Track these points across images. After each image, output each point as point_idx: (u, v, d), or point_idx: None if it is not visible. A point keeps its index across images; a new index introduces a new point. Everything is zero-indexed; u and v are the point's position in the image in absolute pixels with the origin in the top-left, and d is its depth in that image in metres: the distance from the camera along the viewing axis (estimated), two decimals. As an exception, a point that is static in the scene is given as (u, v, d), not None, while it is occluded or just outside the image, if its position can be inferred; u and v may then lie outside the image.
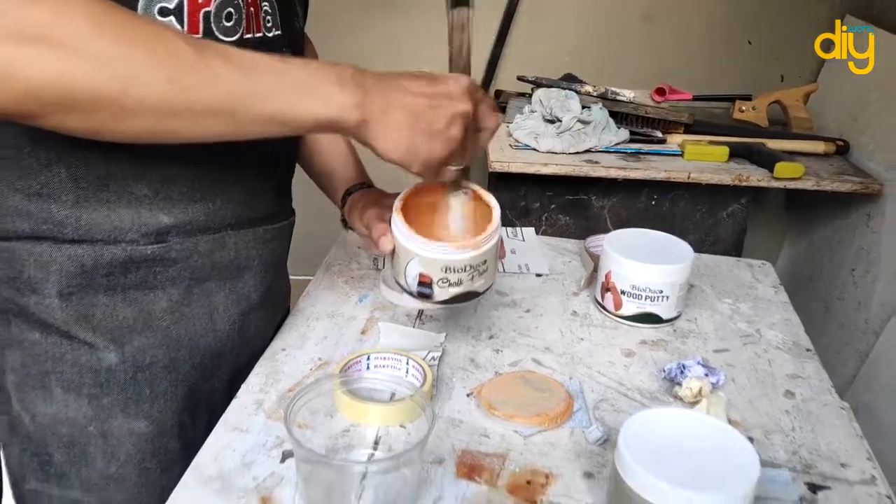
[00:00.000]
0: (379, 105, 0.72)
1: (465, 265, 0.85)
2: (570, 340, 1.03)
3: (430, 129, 0.75)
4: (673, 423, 0.72)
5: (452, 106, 0.75)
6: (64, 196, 0.77)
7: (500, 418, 0.85)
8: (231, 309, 0.91)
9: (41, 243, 0.78)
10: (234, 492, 0.74)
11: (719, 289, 1.20)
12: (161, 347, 0.86)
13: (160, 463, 0.88)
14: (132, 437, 0.86)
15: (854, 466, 0.82)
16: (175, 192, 0.81)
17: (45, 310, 0.80)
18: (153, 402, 0.87)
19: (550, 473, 0.78)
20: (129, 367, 0.84)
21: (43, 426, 0.84)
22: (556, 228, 1.82)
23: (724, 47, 2.20)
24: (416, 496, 0.74)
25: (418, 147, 0.75)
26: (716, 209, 1.81)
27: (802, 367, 0.99)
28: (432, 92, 0.75)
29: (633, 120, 1.90)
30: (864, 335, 1.66)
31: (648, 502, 0.64)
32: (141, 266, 0.82)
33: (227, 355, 0.93)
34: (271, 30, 0.85)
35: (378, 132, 0.73)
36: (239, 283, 0.91)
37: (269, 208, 0.94)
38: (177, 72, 0.63)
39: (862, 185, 1.71)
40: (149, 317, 0.84)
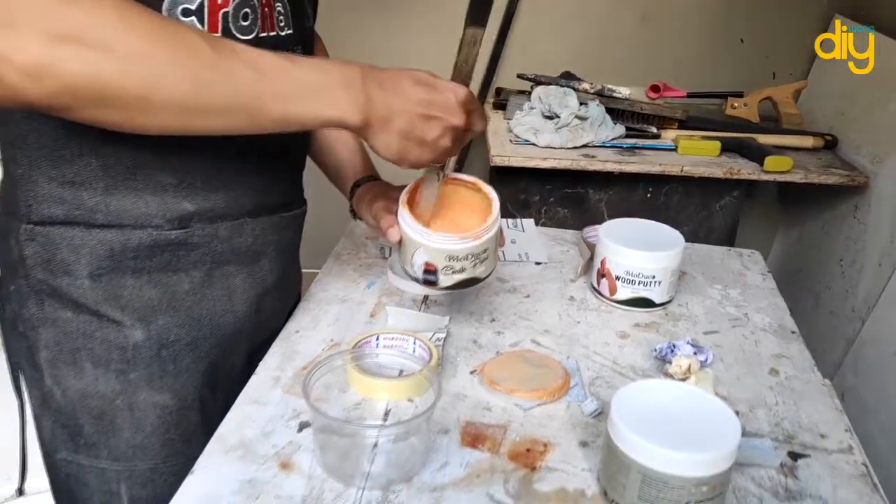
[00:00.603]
0: (380, 110, 0.78)
1: (467, 254, 0.91)
2: (567, 323, 1.09)
3: (423, 139, 0.81)
4: (662, 393, 0.78)
5: (446, 119, 0.81)
6: (95, 184, 0.82)
7: (502, 393, 0.91)
8: (248, 291, 0.96)
9: (74, 228, 0.83)
10: (255, 459, 0.79)
11: (710, 276, 1.25)
12: (184, 326, 0.91)
13: (182, 434, 0.94)
14: (157, 410, 0.91)
15: (833, 437, 0.87)
16: (197, 181, 0.86)
17: (76, 290, 0.86)
18: (176, 377, 0.92)
19: (549, 442, 0.84)
20: (154, 344, 0.89)
21: (73, 400, 0.90)
22: (554, 221, 1.86)
23: (717, 46, 2.24)
24: (423, 462, 0.79)
25: (409, 152, 0.82)
26: (709, 202, 1.86)
27: (787, 348, 1.05)
28: (431, 101, 0.80)
29: (628, 116, 1.95)
30: (851, 322, 1.71)
31: (637, 462, 0.70)
32: (165, 250, 0.87)
33: (245, 335, 0.98)
34: (284, 29, 0.89)
35: (376, 134, 0.80)
36: (256, 267, 0.96)
37: (283, 197, 0.99)
38: (197, 72, 0.68)
39: (849, 178, 1.76)
40: (172, 297, 0.89)
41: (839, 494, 0.78)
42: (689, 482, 0.69)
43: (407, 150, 0.81)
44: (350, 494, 0.75)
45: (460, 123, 0.82)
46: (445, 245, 0.90)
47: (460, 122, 0.82)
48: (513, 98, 2.06)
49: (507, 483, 0.77)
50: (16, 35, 0.61)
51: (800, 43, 2.18)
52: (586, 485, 0.78)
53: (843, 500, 0.78)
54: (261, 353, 0.99)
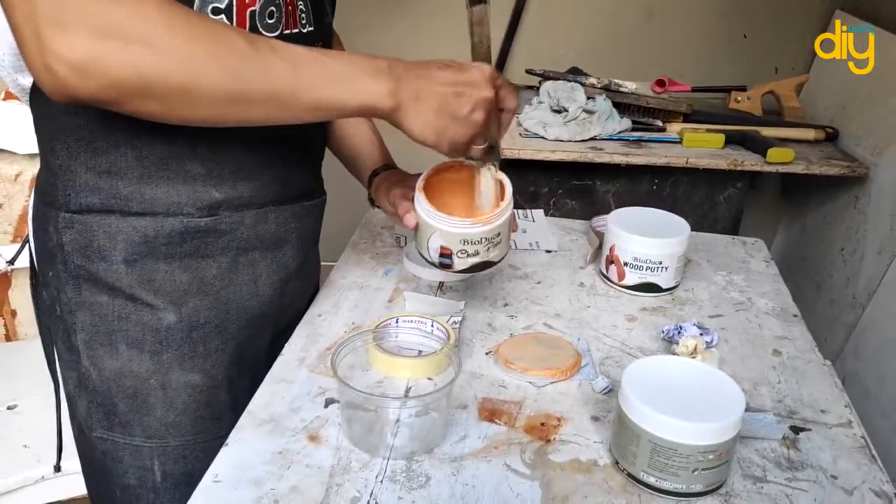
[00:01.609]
0: (410, 93, 0.81)
1: (481, 237, 0.94)
2: (577, 307, 1.13)
3: (456, 115, 0.83)
4: (670, 368, 0.82)
5: (476, 93, 0.83)
6: (130, 174, 0.86)
7: (516, 372, 0.95)
8: (272, 277, 1.00)
9: (110, 216, 0.88)
10: (285, 433, 0.84)
11: (715, 263, 1.29)
12: (213, 309, 0.95)
13: (212, 413, 0.98)
14: (188, 389, 0.95)
15: (833, 412, 0.91)
16: (225, 171, 0.90)
17: (112, 275, 0.90)
18: (206, 358, 0.96)
19: (562, 417, 0.88)
20: (185, 326, 0.93)
21: (108, 380, 0.94)
22: (563, 212, 1.90)
23: (721, 41, 2.27)
24: (444, 435, 0.84)
25: (446, 131, 0.84)
26: (713, 193, 1.90)
27: (789, 330, 1.09)
28: (458, 80, 0.83)
29: (634, 110, 1.99)
30: (853, 309, 1.75)
31: (648, 432, 0.74)
32: (195, 236, 0.90)
33: (270, 318, 1.02)
34: (305, 26, 0.92)
35: (410, 117, 0.82)
36: (279, 253, 0.99)
37: (305, 186, 1.03)
38: (236, 65, 0.73)
39: (850, 169, 1.80)
40: (201, 282, 0.93)
41: (839, 465, 0.82)
42: (697, 450, 0.73)
43: (443, 128, 0.84)
44: (375, 464, 0.80)
45: (490, 95, 0.84)
46: (460, 229, 0.93)
47: (490, 94, 0.84)
48: (521, 93, 2.09)
49: (523, 454, 0.82)
50: (64, 33, 0.65)
51: (801, 38, 2.21)
52: (598, 455, 0.82)
53: (843, 470, 0.82)
54: (285, 335, 1.03)
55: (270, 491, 0.76)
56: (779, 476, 0.80)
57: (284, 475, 0.78)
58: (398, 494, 0.76)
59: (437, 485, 0.77)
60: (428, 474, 0.79)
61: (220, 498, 0.75)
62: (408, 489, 0.77)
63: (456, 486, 0.77)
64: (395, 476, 0.78)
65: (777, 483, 0.79)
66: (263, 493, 0.75)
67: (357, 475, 0.78)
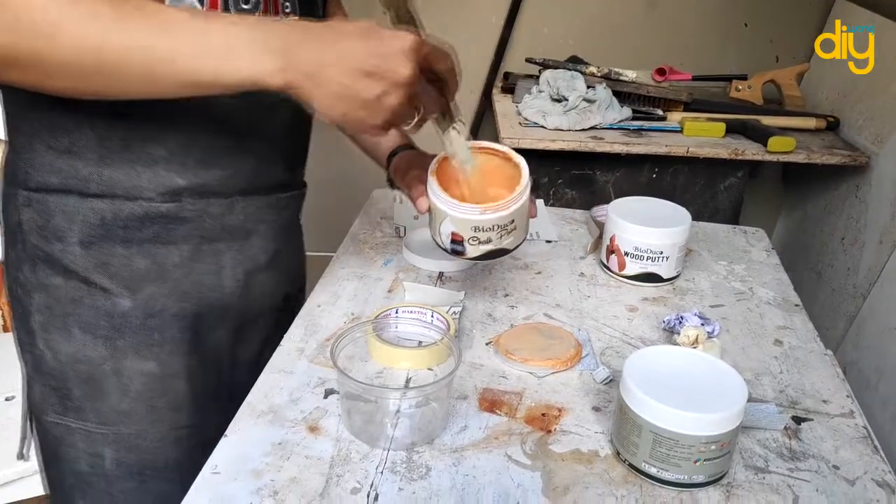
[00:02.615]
0: (308, 70, 0.71)
1: (493, 225, 0.91)
2: (578, 298, 1.12)
3: (363, 99, 0.73)
4: (672, 358, 0.82)
5: (390, 72, 0.72)
6: (90, 154, 0.84)
7: (517, 362, 0.94)
8: (237, 269, 0.97)
9: (68, 196, 0.86)
10: (284, 423, 0.84)
11: (716, 252, 1.29)
12: (171, 297, 0.93)
13: (168, 402, 0.96)
14: (142, 377, 0.94)
15: (834, 402, 0.91)
16: (190, 158, 0.88)
17: (67, 256, 0.88)
18: (162, 346, 0.94)
19: (563, 408, 0.88)
20: (140, 313, 0.92)
21: (63, 363, 0.92)
22: (563, 202, 1.89)
23: (722, 30, 2.26)
24: (444, 426, 0.83)
25: (352, 114, 0.74)
26: (714, 182, 1.89)
27: (791, 320, 1.09)
28: (369, 54, 0.72)
29: (635, 99, 1.98)
30: (853, 299, 1.75)
31: (649, 422, 0.74)
32: (156, 222, 0.88)
33: (233, 310, 1.00)
34: (289, 15, 0.88)
35: (310, 96, 0.73)
36: (246, 245, 0.97)
37: (277, 178, 0.99)
38: (96, 34, 0.67)
39: (850, 158, 1.79)
40: (161, 269, 0.91)
41: (840, 455, 0.82)
42: (699, 440, 0.73)
43: (349, 112, 0.74)
44: (376, 455, 0.79)
45: (407, 75, 0.73)
46: (470, 216, 0.90)
47: (406, 73, 0.72)
48: (521, 82, 2.09)
49: (524, 444, 0.81)
50: None
51: (802, 27, 2.20)
52: (599, 446, 0.82)
53: (844, 459, 0.81)
54: (251, 330, 1.02)
55: (270, 482, 0.75)
56: (781, 466, 0.80)
57: (284, 466, 0.77)
58: (398, 485, 0.75)
59: (437, 476, 0.77)
60: (428, 465, 0.78)
61: (220, 489, 0.74)
62: (408, 480, 0.76)
63: (457, 476, 0.77)
64: (396, 467, 0.78)
65: (779, 473, 0.79)
66: (263, 485, 0.75)
67: (357, 466, 0.78)
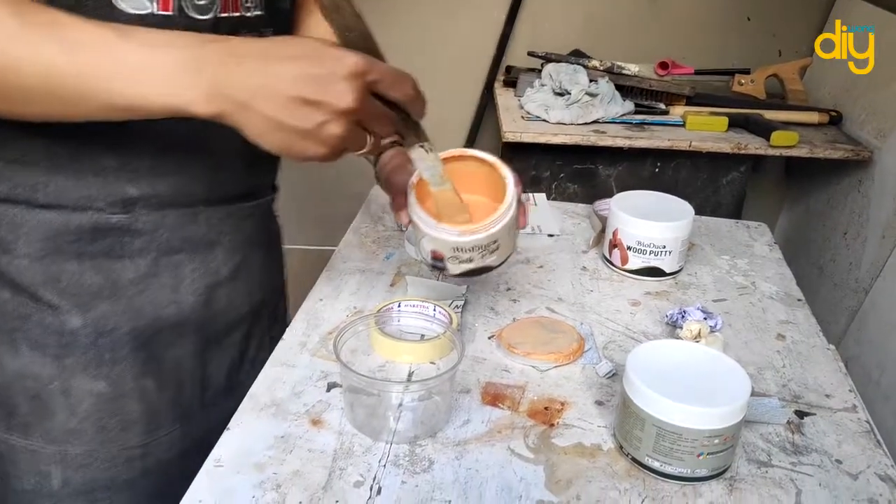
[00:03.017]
0: (238, 98, 0.64)
1: (473, 246, 0.84)
2: (580, 292, 1.12)
3: (302, 129, 0.65)
4: (675, 352, 0.82)
5: (330, 101, 0.64)
6: (38, 164, 0.80)
7: (519, 356, 0.94)
8: (197, 283, 0.92)
9: (15, 206, 0.81)
10: (287, 416, 0.84)
11: (718, 247, 1.29)
12: (124, 315, 0.88)
13: (119, 423, 0.91)
14: (91, 397, 0.89)
15: (837, 397, 0.91)
16: (141, 166, 0.83)
17: (15, 270, 0.83)
18: (113, 366, 0.89)
19: (565, 401, 0.88)
20: (91, 332, 0.87)
21: (9, 380, 0.88)
22: (564, 196, 1.89)
23: (724, 24, 2.25)
24: (447, 419, 0.83)
25: (291, 145, 0.67)
26: (716, 176, 1.89)
27: (794, 315, 1.09)
28: (308, 77, 0.64)
29: (637, 93, 1.97)
30: (855, 294, 1.74)
31: (652, 416, 0.74)
32: (109, 234, 0.84)
33: (192, 327, 0.94)
34: (251, 9, 0.83)
35: (243, 126, 0.66)
36: (209, 256, 0.92)
37: (241, 186, 0.95)
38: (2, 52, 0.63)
39: (853, 153, 1.79)
40: (114, 285, 0.86)
41: (843, 449, 0.82)
42: (702, 434, 0.73)
43: (287, 142, 0.66)
44: (378, 448, 0.79)
45: (349, 102, 0.64)
46: (448, 237, 0.83)
47: (348, 100, 0.64)
48: (523, 75, 2.08)
49: (526, 438, 0.81)
50: None
51: (805, 21, 2.19)
52: (602, 440, 0.82)
53: (848, 454, 0.81)
54: (217, 346, 0.98)
55: (273, 475, 0.75)
56: (784, 460, 0.80)
57: (287, 459, 0.77)
58: (401, 479, 0.75)
59: (440, 469, 0.77)
60: (431, 458, 0.78)
61: (222, 482, 0.74)
62: (411, 473, 0.76)
63: (459, 470, 0.77)
64: (399, 460, 0.78)
65: (782, 467, 0.79)
66: (266, 478, 0.75)
67: (360, 459, 0.78)
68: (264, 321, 1.06)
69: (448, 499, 0.73)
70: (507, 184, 0.85)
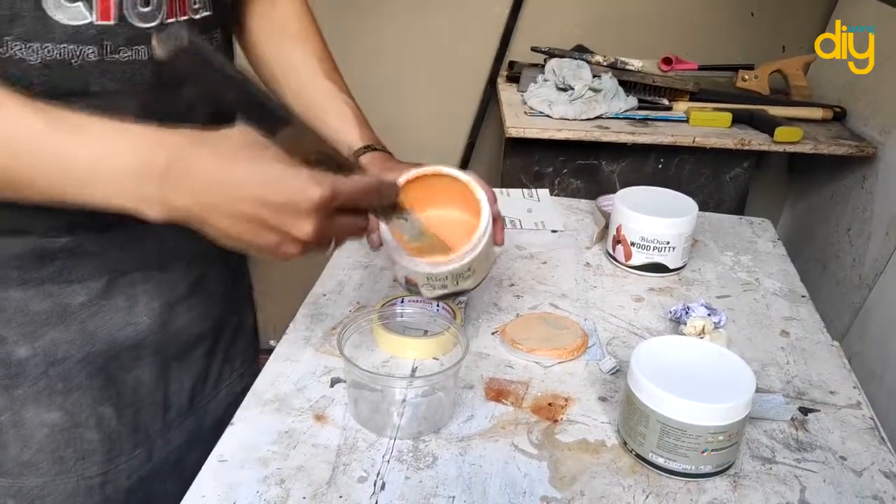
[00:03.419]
0: (192, 211, 0.63)
1: (445, 275, 0.83)
2: (583, 288, 1.12)
3: (258, 244, 0.65)
4: (679, 348, 0.82)
5: (287, 228, 0.63)
6: None
7: (523, 352, 0.94)
8: (153, 302, 0.88)
9: None
10: (291, 412, 0.84)
11: (722, 243, 1.29)
12: (75, 342, 0.83)
13: (76, 452, 0.86)
14: (45, 428, 0.84)
15: (841, 394, 0.91)
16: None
17: None
18: (67, 395, 0.84)
19: (569, 397, 0.88)
20: (40, 362, 0.82)
21: None
22: (567, 192, 1.88)
23: (728, 19, 2.24)
24: (451, 415, 0.83)
25: (250, 251, 0.67)
26: (719, 172, 1.89)
27: (797, 311, 1.09)
28: (265, 202, 0.62)
29: (641, 88, 1.96)
30: (859, 290, 1.74)
31: (657, 412, 0.74)
32: (55, 259, 0.79)
33: (150, 348, 0.89)
34: (199, 11, 0.80)
35: (198, 229, 0.65)
36: (164, 275, 0.88)
37: None
38: None
39: (857, 149, 1.78)
40: (64, 311, 0.81)
41: (847, 446, 0.82)
42: (707, 431, 0.73)
43: (247, 249, 0.66)
44: (382, 444, 0.79)
45: (308, 236, 0.63)
46: (419, 269, 0.82)
47: (308, 234, 0.63)
48: (526, 71, 2.08)
49: (530, 434, 0.81)
50: None
51: (809, 17, 2.19)
52: (606, 436, 0.82)
53: (852, 451, 0.81)
54: (178, 365, 0.94)
55: (277, 471, 0.75)
56: (788, 457, 0.80)
57: (290, 455, 0.77)
58: (405, 474, 0.75)
59: (444, 464, 0.77)
60: (435, 454, 0.78)
61: (226, 477, 0.74)
62: (415, 469, 0.76)
63: (463, 465, 0.77)
64: (402, 456, 0.78)
65: (786, 464, 0.79)
66: (270, 473, 0.75)
67: (364, 455, 0.78)
68: (228, 333, 1.02)
69: (452, 494, 0.73)
70: (480, 209, 0.83)
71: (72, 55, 0.70)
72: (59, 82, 0.70)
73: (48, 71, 0.69)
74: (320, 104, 0.97)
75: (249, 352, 1.09)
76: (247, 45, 1.01)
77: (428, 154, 1.33)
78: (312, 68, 0.98)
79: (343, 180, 0.64)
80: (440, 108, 2.39)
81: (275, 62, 0.99)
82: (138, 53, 0.74)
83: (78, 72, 0.71)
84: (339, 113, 0.97)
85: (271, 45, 1.00)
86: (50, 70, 0.69)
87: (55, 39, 0.68)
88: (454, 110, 2.38)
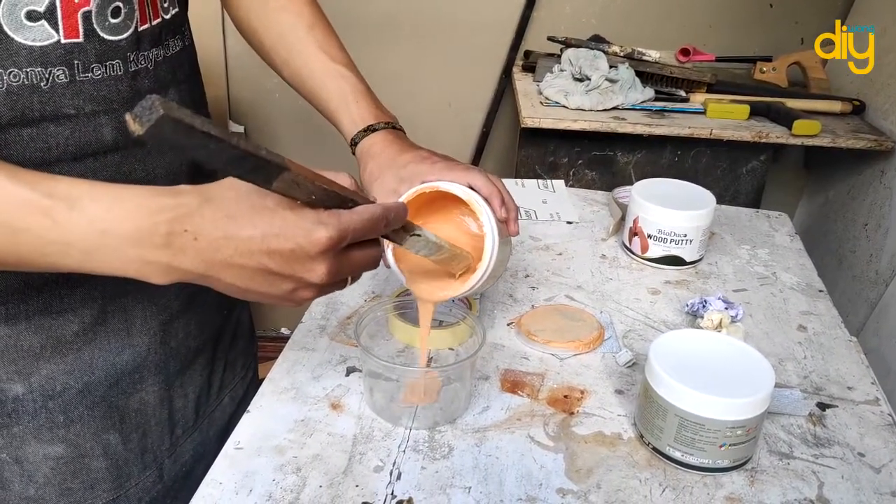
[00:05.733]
0: (196, 270, 0.60)
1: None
2: (599, 280, 1.12)
3: (271, 294, 0.63)
4: (697, 342, 0.81)
5: (299, 275, 0.61)
6: None
7: (539, 343, 0.94)
8: (150, 322, 0.84)
9: None
10: (307, 400, 0.84)
11: (739, 237, 1.28)
12: (72, 373, 0.79)
13: (83, 482, 0.83)
14: (49, 462, 0.80)
15: (859, 389, 0.90)
16: None
17: None
18: (69, 427, 0.80)
19: (585, 390, 0.88)
20: (37, 397, 0.78)
21: None
22: (582, 183, 1.88)
23: (746, 11, 2.23)
24: (466, 406, 0.83)
25: (263, 301, 0.64)
26: (736, 165, 1.87)
27: (815, 306, 1.08)
28: (272, 252, 0.59)
29: (658, 79, 1.95)
30: (875, 286, 1.73)
31: (675, 406, 0.74)
32: (43, 290, 0.74)
33: (151, 368, 0.86)
34: (169, 10, 0.78)
35: (206, 285, 0.62)
36: (157, 293, 0.84)
37: None
38: None
39: (876, 143, 1.77)
40: (58, 343, 0.77)
41: (865, 442, 0.81)
42: (725, 425, 0.72)
43: (258, 300, 0.64)
44: (398, 433, 0.79)
45: (321, 279, 0.61)
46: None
47: (321, 277, 0.61)
48: (541, 60, 2.07)
49: (546, 426, 0.81)
50: None
51: (828, 8, 2.17)
52: (622, 429, 0.81)
53: (870, 447, 0.81)
54: (181, 380, 0.91)
55: (293, 459, 0.75)
56: (805, 453, 0.79)
57: (307, 443, 0.77)
58: (421, 464, 0.75)
59: (459, 455, 0.77)
60: (451, 445, 0.78)
61: (243, 465, 0.75)
62: (431, 459, 0.76)
63: (479, 456, 0.77)
64: (418, 446, 0.78)
65: (804, 459, 0.78)
66: (286, 461, 0.75)
67: (380, 444, 0.78)
68: (227, 338, 1.00)
69: (468, 485, 0.73)
70: (484, 232, 0.81)
71: (40, 78, 0.65)
72: (27, 109, 0.66)
73: (14, 97, 0.64)
74: (316, 80, 0.94)
75: (249, 351, 1.08)
76: (237, 17, 0.98)
77: (442, 143, 1.32)
78: (303, 38, 0.94)
79: (349, 216, 0.61)
80: (455, 96, 2.38)
81: (263, 33, 0.96)
82: (112, 69, 0.70)
83: (48, 95, 0.66)
84: (337, 90, 0.93)
85: (260, 16, 0.96)
86: (17, 97, 0.65)
87: (19, 64, 0.64)
88: (469, 99, 2.37)
